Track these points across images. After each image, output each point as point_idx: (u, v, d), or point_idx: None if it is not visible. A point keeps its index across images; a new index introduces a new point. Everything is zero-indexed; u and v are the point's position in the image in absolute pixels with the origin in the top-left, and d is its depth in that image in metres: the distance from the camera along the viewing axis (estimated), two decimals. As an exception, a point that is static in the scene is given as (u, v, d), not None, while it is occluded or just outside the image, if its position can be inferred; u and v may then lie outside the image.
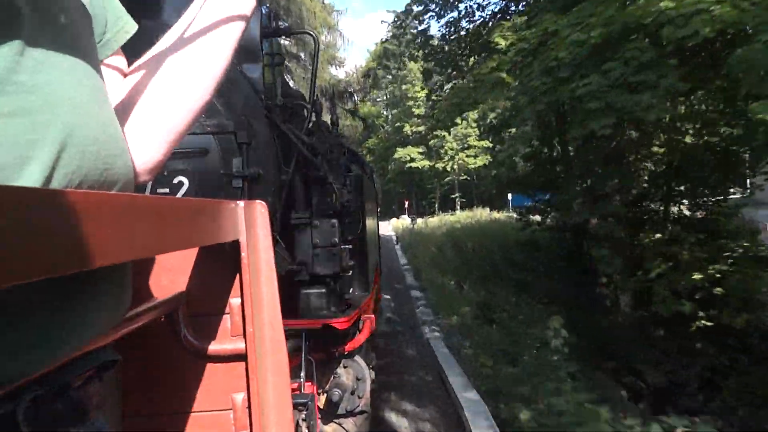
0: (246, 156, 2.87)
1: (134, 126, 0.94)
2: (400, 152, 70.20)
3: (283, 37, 3.41)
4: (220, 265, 1.00)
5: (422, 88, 66.00)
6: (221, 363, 1.02)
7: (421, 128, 65.17)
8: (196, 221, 0.78)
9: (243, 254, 0.96)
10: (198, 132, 2.85)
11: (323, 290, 3.18)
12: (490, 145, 63.02)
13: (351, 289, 3.63)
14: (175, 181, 2.85)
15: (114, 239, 0.50)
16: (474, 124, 67.68)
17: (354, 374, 3.45)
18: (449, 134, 66.95)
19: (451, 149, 68.33)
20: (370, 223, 4.58)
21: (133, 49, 1.05)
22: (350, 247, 3.77)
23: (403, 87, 71.64)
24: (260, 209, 0.99)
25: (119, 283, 0.78)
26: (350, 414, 3.39)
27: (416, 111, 69.51)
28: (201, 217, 0.80)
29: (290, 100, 3.24)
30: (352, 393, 3.40)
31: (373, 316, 4.28)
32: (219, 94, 2.89)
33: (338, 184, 3.27)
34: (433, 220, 38.50)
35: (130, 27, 0.99)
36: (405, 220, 50.54)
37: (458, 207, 68.83)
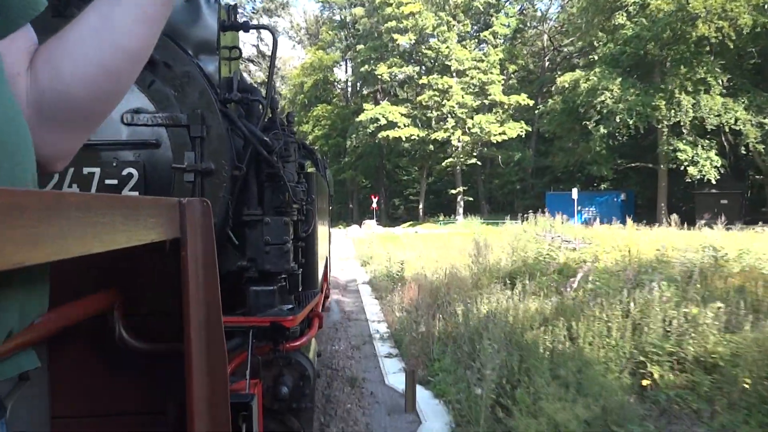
0: (199, 150, 2.84)
1: (47, 112, 0.88)
2: (370, 111, 43.74)
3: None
4: (160, 263, 0.98)
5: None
6: (157, 364, 1.00)
7: (407, 69, 45.75)
8: (133, 219, 0.76)
9: (183, 253, 0.95)
10: (150, 124, 2.81)
11: (273, 287, 3.16)
12: (529, 102, 42.40)
13: (300, 287, 3.62)
14: (125, 172, 2.80)
15: (34, 239, 0.48)
16: (496, 69, 43.52)
17: (300, 371, 3.43)
18: (454, 80, 42.88)
19: (455, 107, 42.17)
20: (321, 220, 4.57)
21: (47, 22, 0.97)
22: (302, 244, 3.76)
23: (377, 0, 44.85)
24: (202, 207, 0.98)
25: (27, 287, 0.74)
26: (295, 411, 3.38)
27: (399, 39, 43.33)
28: (138, 215, 0.79)
29: (246, 95, 3.21)
30: (298, 390, 3.39)
31: (321, 313, 4.27)
32: (173, 86, 2.86)
33: (292, 182, 3.25)
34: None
35: (39, 5, 0.91)
36: (375, 229, 34.30)
37: (461, 210, 45.72)
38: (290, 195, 3.16)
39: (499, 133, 42.29)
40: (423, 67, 47.13)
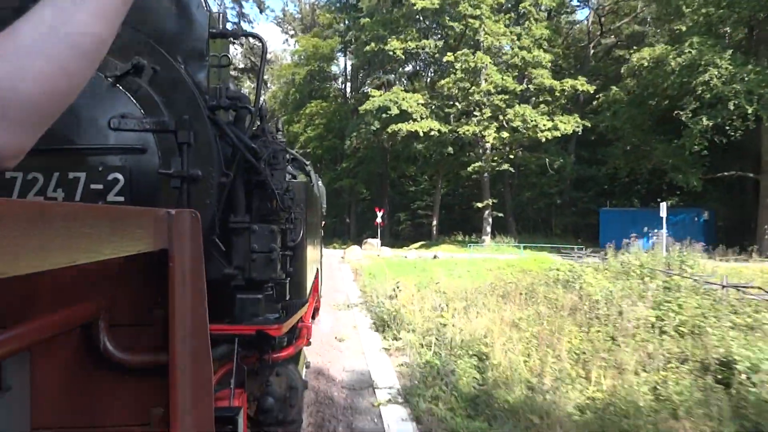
0: (186, 156, 2.82)
1: None
2: (378, 98, 34.18)
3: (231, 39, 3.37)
4: (147, 274, 0.97)
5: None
6: (142, 375, 0.98)
7: (428, 43, 36.60)
8: (120, 230, 0.75)
9: (171, 264, 0.93)
10: (137, 129, 2.78)
11: (259, 296, 3.14)
12: (589, 88, 32.68)
13: (288, 296, 3.59)
14: (110, 177, 2.77)
15: (16, 250, 0.47)
16: (541, 49, 33.84)
17: (287, 382, 3.41)
18: (488, 57, 32.94)
19: (492, 90, 32.42)
20: (311, 232, 4.55)
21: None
22: (290, 253, 3.74)
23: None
24: (191, 218, 0.97)
25: None
26: (281, 423, 3.35)
27: (419, 4, 33.88)
28: (126, 226, 0.77)
29: (235, 102, 3.20)
30: (284, 402, 3.36)
31: (309, 324, 4.25)
32: (160, 92, 2.84)
33: (280, 190, 3.24)
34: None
35: None
36: (381, 251, 27.42)
37: (488, 229, 35.72)
38: (278, 203, 3.15)
39: (548, 129, 31.61)
40: (446, 45, 37.33)
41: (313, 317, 5.39)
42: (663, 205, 23.30)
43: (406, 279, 14.45)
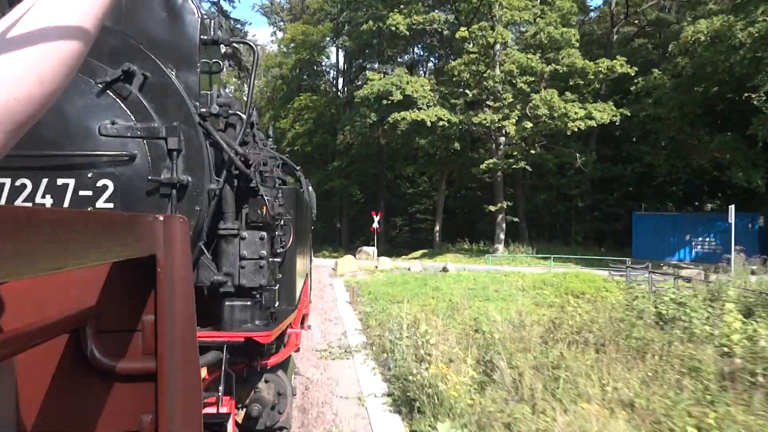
0: (176, 163, 2.82)
1: None
2: (377, 82, 29.93)
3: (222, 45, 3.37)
4: (135, 279, 0.96)
5: None
6: (130, 382, 0.98)
7: (437, 17, 32.31)
8: (109, 235, 0.74)
9: (159, 270, 0.93)
10: (127, 135, 2.78)
11: (248, 302, 3.14)
12: (630, 70, 27.05)
13: (277, 303, 3.59)
14: (99, 184, 2.76)
15: (3, 256, 0.47)
16: (572, 29, 29.24)
17: (275, 389, 3.40)
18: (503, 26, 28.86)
19: (513, 70, 27.92)
20: (301, 237, 4.55)
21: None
22: (279, 260, 3.73)
23: None
24: (180, 224, 0.97)
25: None
26: (269, 430, 3.34)
27: None
28: (114, 232, 0.77)
29: (225, 109, 3.20)
30: (273, 408, 3.35)
31: (298, 331, 4.24)
32: (151, 98, 2.84)
33: (270, 197, 3.24)
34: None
35: None
36: (380, 262, 24.01)
37: (502, 236, 31.37)
38: (268, 210, 3.15)
39: (581, 118, 26.60)
40: (457, 22, 32.73)
41: (302, 323, 5.39)
42: (731, 209, 18.11)
43: (419, 302, 11.49)
